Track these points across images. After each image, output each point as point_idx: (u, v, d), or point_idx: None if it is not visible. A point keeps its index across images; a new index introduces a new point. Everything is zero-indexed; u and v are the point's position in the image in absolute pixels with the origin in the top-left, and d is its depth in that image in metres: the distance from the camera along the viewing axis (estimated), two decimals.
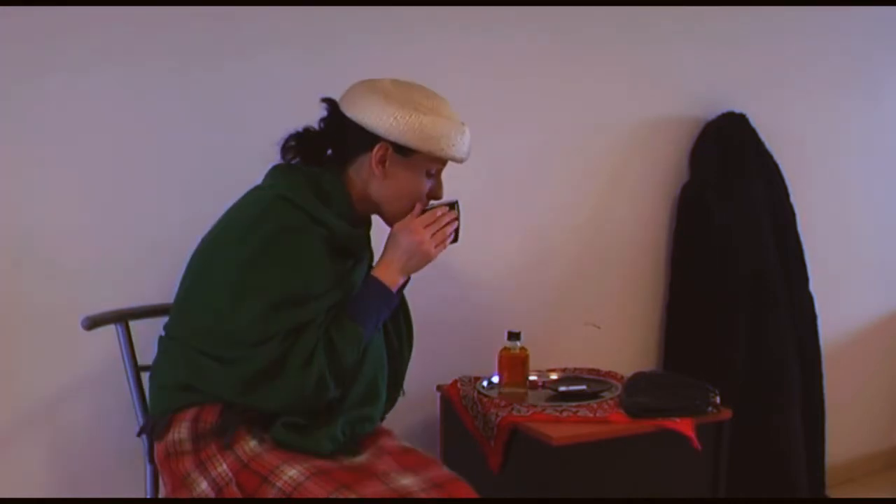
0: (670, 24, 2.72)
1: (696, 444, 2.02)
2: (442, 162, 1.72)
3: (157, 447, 1.65)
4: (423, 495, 1.51)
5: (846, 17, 3.12)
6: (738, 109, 2.85)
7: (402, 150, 1.65)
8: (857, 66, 3.21)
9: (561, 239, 2.62)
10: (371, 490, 1.50)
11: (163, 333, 1.72)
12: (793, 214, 2.91)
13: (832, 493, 3.05)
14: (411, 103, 1.64)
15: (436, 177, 1.74)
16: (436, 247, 1.70)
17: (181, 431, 1.60)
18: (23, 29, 1.84)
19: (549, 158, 2.57)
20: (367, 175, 1.69)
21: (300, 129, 1.72)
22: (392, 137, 1.63)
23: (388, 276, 1.69)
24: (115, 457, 1.97)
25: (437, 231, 1.70)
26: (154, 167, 2.01)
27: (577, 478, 1.98)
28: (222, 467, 1.57)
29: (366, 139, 1.65)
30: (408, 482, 1.54)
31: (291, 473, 1.53)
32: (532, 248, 2.57)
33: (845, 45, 3.17)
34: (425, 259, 1.70)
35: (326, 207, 1.64)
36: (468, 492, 1.57)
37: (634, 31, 2.66)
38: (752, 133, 2.86)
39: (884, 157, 3.34)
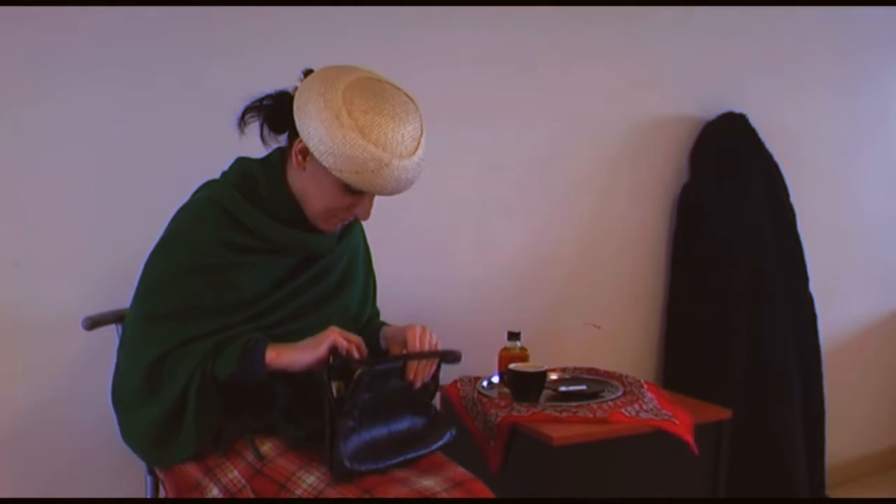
0: (670, 24, 2.72)
1: (695, 448, 2.02)
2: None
3: None
4: (445, 495, 1.50)
5: (847, 18, 3.12)
6: (738, 109, 2.85)
7: None
8: (857, 66, 3.21)
9: (561, 239, 2.62)
10: (394, 494, 1.48)
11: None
12: (793, 214, 2.91)
13: (832, 493, 3.05)
14: (340, 110, 1.48)
15: (361, 196, 1.58)
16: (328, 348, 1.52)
17: None
18: (24, 35, 1.84)
19: (550, 159, 2.57)
20: (293, 163, 1.59)
21: (279, 89, 1.63)
22: (303, 138, 1.52)
23: (278, 357, 1.53)
24: (115, 457, 1.97)
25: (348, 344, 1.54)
26: (154, 167, 2.00)
27: (577, 478, 1.98)
28: (233, 473, 1.55)
29: (296, 127, 1.55)
30: (429, 483, 1.52)
31: (311, 480, 1.50)
32: (532, 249, 2.57)
33: (846, 45, 3.17)
34: (314, 348, 1.52)
35: (255, 208, 1.59)
36: (484, 490, 1.56)
37: (634, 31, 2.66)
38: (752, 133, 2.86)
39: (884, 157, 3.34)
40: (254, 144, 1.68)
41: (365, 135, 1.48)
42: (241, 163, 1.68)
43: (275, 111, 1.61)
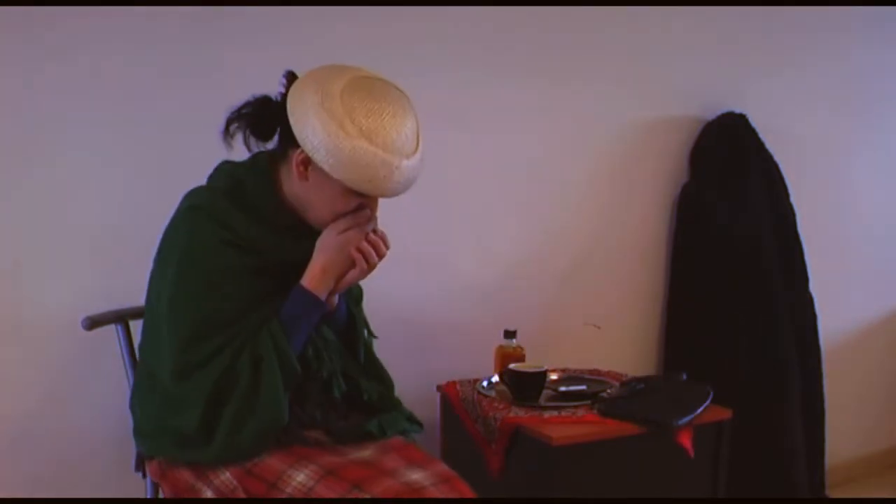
0: (670, 24, 2.72)
1: (691, 452, 2.02)
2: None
3: (150, 464, 1.68)
4: (433, 489, 1.50)
5: (846, 17, 3.12)
6: (738, 109, 2.85)
7: None
8: (857, 65, 3.21)
9: (561, 239, 2.62)
10: (383, 487, 1.48)
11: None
12: (793, 214, 2.91)
13: (832, 493, 3.04)
14: (343, 119, 1.46)
15: (368, 202, 1.58)
16: (357, 248, 1.57)
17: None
18: (23, 35, 1.84)
19: (550, 158, 2.57)
20: (292, 172, 1.56)
21: (258, 95, 1.58)
22: (306, 150, 1.49)
23: (310, 278, 1.57)
24: (115, 457, 1.97)
25: (357, 229, 1.57)
26: (154, 167, 2.00)
27: (577, 478, 1.98)
28: (225, 475, 1.55)
29: (293, 136, 1.52)
30: (417, 476, 1.53)
31: (300, 478, 1.51)
32: (532, 249, 2.57)
33: (845, 44, 3.17)
34: (346, 257, 1.57)
35: (242, 212, 1.56)
36: (467, 490, 1.56)
37: (635, 31, 2.66)
38: (752, 133, 2.86)
39: (884, 157, 3.34)
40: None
41: (372, 141, 1.47)
42: (227, 168, 1.66)
43: (259, 119, 1.57)
